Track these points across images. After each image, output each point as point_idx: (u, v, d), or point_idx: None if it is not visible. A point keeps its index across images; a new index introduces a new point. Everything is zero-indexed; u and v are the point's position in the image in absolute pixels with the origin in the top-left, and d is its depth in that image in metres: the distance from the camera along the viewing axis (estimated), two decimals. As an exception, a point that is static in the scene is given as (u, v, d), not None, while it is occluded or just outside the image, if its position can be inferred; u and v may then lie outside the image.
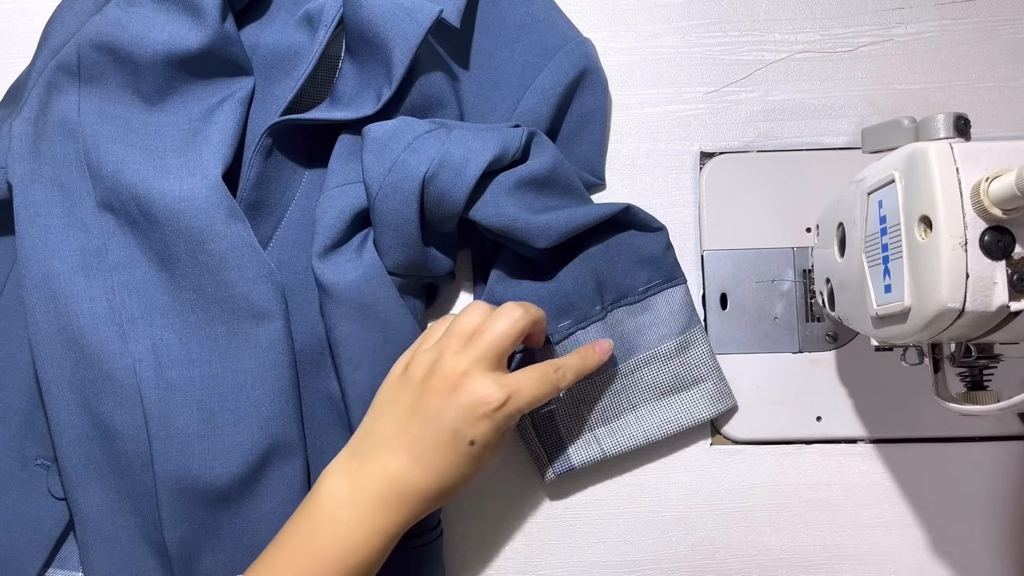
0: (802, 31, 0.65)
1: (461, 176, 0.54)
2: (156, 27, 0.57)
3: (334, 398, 0.58)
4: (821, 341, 0.61)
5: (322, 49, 0.58)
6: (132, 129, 0.58)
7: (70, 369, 0.55)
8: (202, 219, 0.55)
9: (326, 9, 0.59)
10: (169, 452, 0.54)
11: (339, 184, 0.57)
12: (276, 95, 0.60)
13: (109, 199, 0.57)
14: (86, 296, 0.55)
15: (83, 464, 0.55)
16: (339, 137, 0.58)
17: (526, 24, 0.62)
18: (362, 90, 0.58)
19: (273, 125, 0.58)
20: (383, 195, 0.55)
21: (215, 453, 0.55)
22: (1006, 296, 0.41)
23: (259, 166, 0.58)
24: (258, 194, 0.59)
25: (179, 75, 0.58)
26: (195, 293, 0.56)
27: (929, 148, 0.42)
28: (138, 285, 0.56)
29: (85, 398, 0.55)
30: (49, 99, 0.58)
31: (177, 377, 0.55)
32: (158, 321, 0.56)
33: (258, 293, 0.56)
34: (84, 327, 0.55)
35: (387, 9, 0.56)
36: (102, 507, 0.56)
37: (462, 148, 0.55)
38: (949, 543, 0.60)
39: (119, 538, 0.56)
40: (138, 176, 0.56)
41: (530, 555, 0.61)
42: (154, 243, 0.56)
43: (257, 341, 0.56)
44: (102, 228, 0.57)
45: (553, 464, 0.59)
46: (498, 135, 0.56)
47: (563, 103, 0.61)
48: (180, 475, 0.54)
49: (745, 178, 0.63)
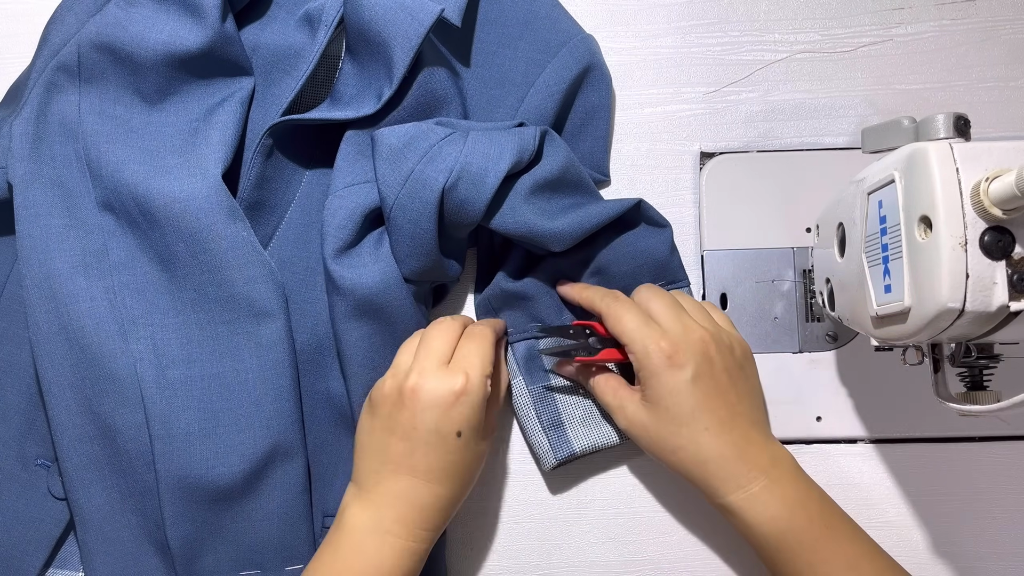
0: (802, 31, 0.65)
1: (481, 186, 0.54)
2: (156, 27, 0.57)
3: (334, 398, 0.58)
4: (821, 341, 0.62)
5: (322, 49, 0.58)
6: (132, 129, 0.58)
7: (71, 369, 0.55)
8: (202, 219, 0.55)
9: (326, 9, 0.59)
10: (171, 451, 0.54)
11: (348, 184, 0.57)
12: (276, 95, 0.60)
13: (109, 199, 0.57)
14: (86, 296, 0.55)
15: (84, 464, 0.55)
16: (345, 136, 0.58)
17: (529, 21, 0.62)
18: (363, 89, 0.58)
19: (274, 125, 0.58)
20: (400, 205, 0.54)
21: (217, 452, 0.55)
22: (1006, 296, 0.41)
23: (260, 166, 0.58)
24: (259, 194, 0.59)
25: (179, 75, 0.58)
26: (196, 293, 0.56)
27: (929, 148, 0.42)
28: (139, 285, 0.56)
29: (86, 398, 0.55)
30: (49, 99, 0.58)
31: (178, 376, 0.55)
32: (159, 321, 0.56)
33: (259, 292, 0.56)
34: (85, 327, 0.55)
35: (388, 8, 0.56)
36: (103, 507, 0.56)
37: (480, 157, 0.54)
38: (949, 543, 0.60)
39: (120, 537, 0.56)
40: (138, 176, 0.56)
41: (530, 555, 0.61)
42: (154, 243, 0.56)
43: (258, 340, 0.56)
44: (102, 228, 0.57)
45: (555, 449, 0.59)
46: (514, 139, 0.55)
47: (567, 100, 0.61)
48: (182, 474, 0.54)
49: (745, 178, 0.63)
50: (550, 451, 0.58)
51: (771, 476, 0.51)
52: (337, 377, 0.58)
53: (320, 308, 0.58)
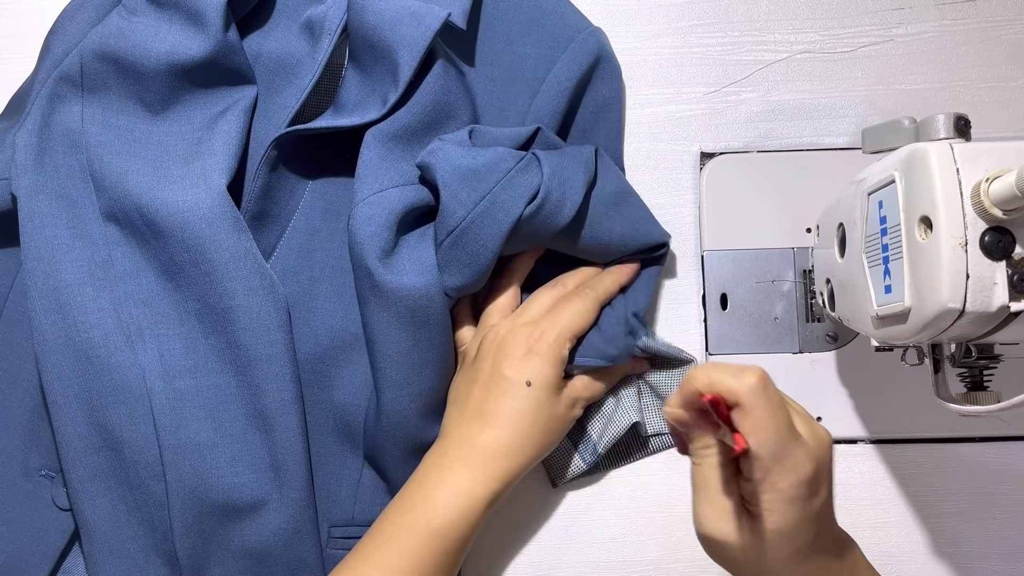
0: (802, 31, 0.65)
1: (560, 214, 0.55)
2: (159, 36, 0.56)
3: (338, 408, 0.58)
4: (821, 341, 0.61)
5: (326, 59, 0.58)
6: (135, 139, 0.58)
7: (78, 381, 0.55)
8: (205, 229, 0.55)
9: (328, 17, 0.58)
10: (182, 462, 0.54)
11: (376, 191, 0.56)
12: (279, 103, 0.60)
13: (113, 209, 0.57)
14: (94, 307, 0.55)
15: (90, 475, 0.55)
16: (364, 142, 0.57)
17: (536, 18, 0.62)
18: (367, 96, 0.58)
19: (279, 136, 0.57)
20: (471, 224, 0.54)
21: (226, 463, 0.55)
22: (1006, 296, 0.41)
23: (265, 177, 0.58)
24: (263, 204, 0.58)
25: (182, 84, 0.58)
26: (199, 303, 0.56)
27: (929, 148, 0.42)
28: (144, 295, 0.56)
29: (92, 409, 0.55)
30: (52, 110, 0.58)
31: (186, 387, 0.55)
32: (164, 331, 0.56)
33: (258, 305, 0.55)
34: (93, 338, 0.55)
35: (393, 13, 0.55)
36: (109, 518, 0.55)
37: (559, 184, 0.55)
38: (949, 544, 0.60)
39: (127, 549, 0.55)
40: (141, 187, 0.56)
41: (531, 555, 0.61)
42: (158, 253, 0.56)
43: (257, 353, 0.55)
44: (107, 239, 0.57)
45: (581, 453, 0.60)
46: (580, 162, 0.56)
47: (578, 94, 0.61)
48: (193, 484, 0.54)
49: (745, 178, 0.63)
50: (576, 453, 0.60)
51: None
52: (341, 387, 0.58)
53: (322, 318, 0.58)
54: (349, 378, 0.58)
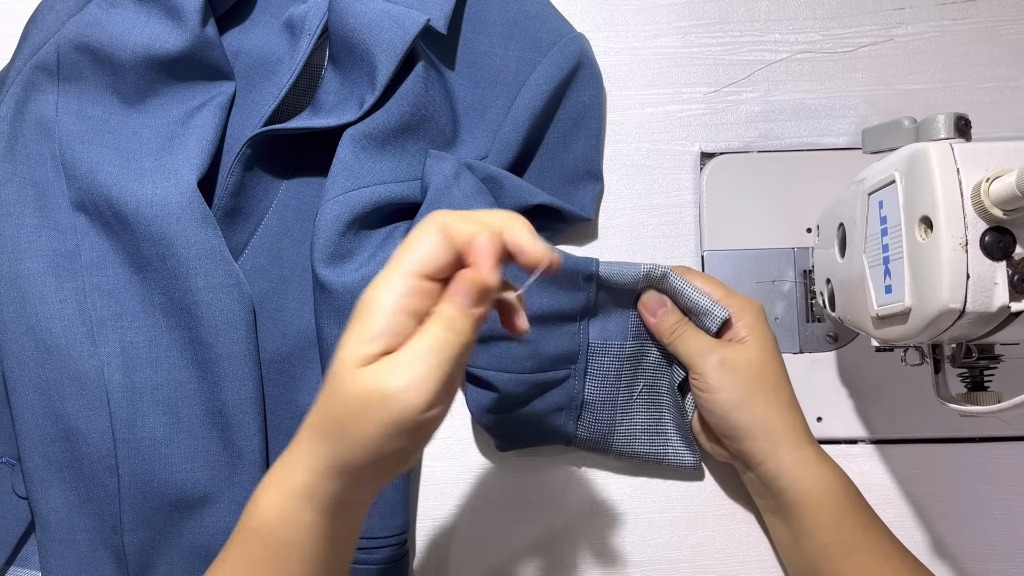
0: (802, 31, 0.65)
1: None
2: (136, 28, 0.56)
3: (301, 410, 0.56)
4: (821, 342, 0.61)
5: (305, 59, 0.58)
6: (109, 130, 0.57)
7: (36, 370, 0.55)
8: (173, 224, 0.54)
9: (309, 17, 0.58)
10: (135, 456, 0.54)
11: (347, 191, 0.56)
12: (257, 101, 0.60)
13: (83, 200, 0.57)
14: (56, 297, 0.55)
15: (44, 465, 0.55)
16: (341, 142, 0.57)
17: (519, 21, 0.62)
18: (345, 97, 0.58)
19: (254, 136, 0.57)
20: None
21: (180, 459, 0.55)
22: (1007, 297, 0.41)
23: (238, 175, 0.58)
24: (235, 202, 0.58)
25: (158, 77, 0.58)
26: (164, 297, 0.56)
27: (930, 148, 0.42)
28: (109, 287, 0.56)
29: (50, 399, 0.55)
30: (27, 98, 0.58)
31: (145, 381, 0.55)
32: (128, 323, 0.56)
33: (223, 302, 0.55)
34: (53, 328, 0.55)
35: (373, 16, 0.55)
36: (61, 508, 0.55)
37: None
38: (950, 544, 0.60)
39: (76, 540, 0.55)
40: (112, 178, 0.56)
41: (531, 555, 0.61)
42: (126, 245, 0.56)
43: (219, 351, 0.55)
44: (75, 228, 0.57)
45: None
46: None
47: (557, 98, 0.61)
48: (145, 479, 0.54)
49: (745, 178, 0.63)
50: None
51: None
52: (306, 389, 0.58)
53: (290, 318, 0.58)
54: (315, 379, 0.58)
